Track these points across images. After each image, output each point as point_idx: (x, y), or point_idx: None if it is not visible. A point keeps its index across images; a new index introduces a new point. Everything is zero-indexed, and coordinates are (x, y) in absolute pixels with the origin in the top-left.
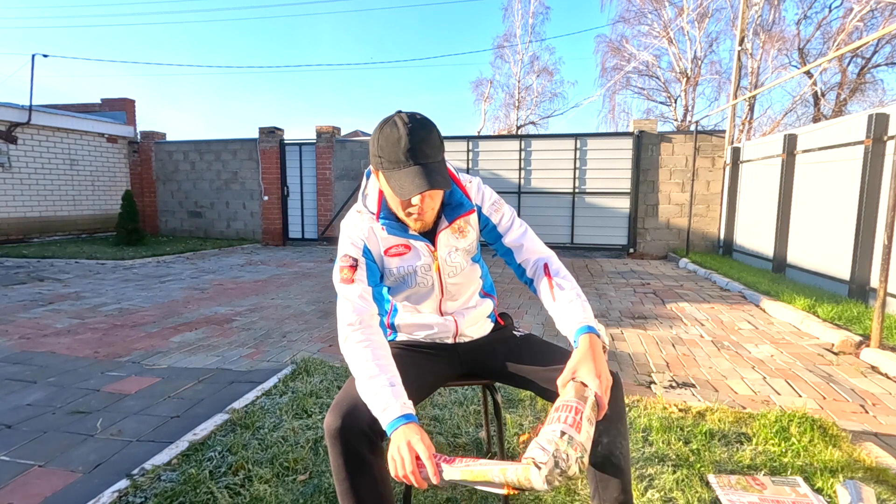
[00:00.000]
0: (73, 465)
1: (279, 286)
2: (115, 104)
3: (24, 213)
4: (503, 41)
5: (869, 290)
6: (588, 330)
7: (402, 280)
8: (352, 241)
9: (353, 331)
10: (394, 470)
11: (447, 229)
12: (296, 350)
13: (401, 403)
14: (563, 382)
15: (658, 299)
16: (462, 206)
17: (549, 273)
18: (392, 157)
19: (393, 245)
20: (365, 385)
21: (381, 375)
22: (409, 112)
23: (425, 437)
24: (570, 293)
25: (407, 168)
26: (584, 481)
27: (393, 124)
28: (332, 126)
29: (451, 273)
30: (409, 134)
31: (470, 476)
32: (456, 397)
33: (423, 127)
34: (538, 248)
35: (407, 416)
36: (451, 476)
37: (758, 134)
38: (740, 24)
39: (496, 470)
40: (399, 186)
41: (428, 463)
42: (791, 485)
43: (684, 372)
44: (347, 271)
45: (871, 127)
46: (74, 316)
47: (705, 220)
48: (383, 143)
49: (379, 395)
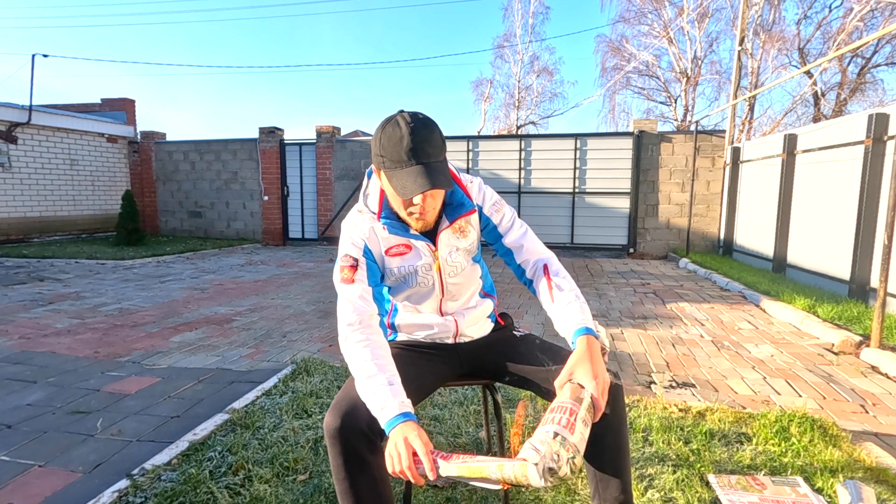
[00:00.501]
0: (73, 465)
1: (279, 286)
2: (115, 104)
3: (25, 213)
4: (503, 41)
5: (869, 290)
6: (586, 331)
7: (403, 280)
8: (352, 241)
9: (353, 331)
10: (391, 465)
11: (448, 229)
12: (296, 350)
13: (399, 402)
14: (560, 384)
15: (658, 299)
16: (463, 205)
17: (548, 274)
18: (394, 156)
19: (394, 245)
20: (364, 384)
21: (380, 375)
22: (411, 111)
23: (423, 434)
24: (568, 294)
25: (409, 167)
26: (584, 481)
27: (395, 124)
28: (332, 126)
29: (451, 273)
30: (411, 133)
31: (467, 472)
32: (456, 397)
33: (426, 126)
34: (538, 249)
35: (405, 414)
36: (448, 472)
37: (758, 134)
38: (740, 23)
39: (493, 466)
40: (401, 186)
41: (424, 459)
42: (791, 485)
43: (684, 372)
44: (348, 271)
45: (871, 127)
46: (74, 316)
47: (705, 220)
48: (385, 143)
49: (377, 394)
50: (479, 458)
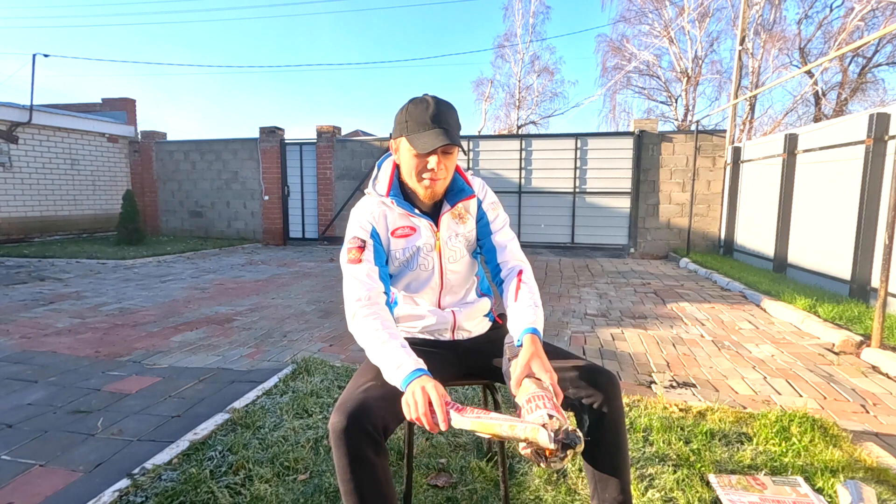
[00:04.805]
0: (73, 465)
1: (280, 286)
2: (115, 104)
3: (25, 212)
4: (504, 41)
5: (870, 290)
6: (533, 331)
7: (406, 264)
8: (361, 224)
9: (362, 306)
10: (407, 412)
11: (449, 213)
12: (296, 350)
13: (414, 359)
14: (518, 380)
15: (658, 299)
16: (463, 191)
17: (520, 278)
18: (419, 119)
19: (399, 227)
20: (377, 350)
21: (393, 340)
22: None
23: (439, 387)
24: (530, 299)
25: (431, 129)
26: (584, 481)
27: (423, 99)
28: (332, 126)
29: (451, 258)
30: (436, 105)
31: (479, 427)
32: (456, 397)
33: (448, 105)
34: (519, 256)
35: (420, 369)
36: (461, 424)
37: (758, 133)
38: (741, 23)
39: (505, 425)
40: (423, 143)
41: (438, 409)
42: (792, 485)
43: (685, 372)
44: (355, 252)
45: (871, 126)
46: (75, 315)
47: (706, 220)
48: (412, 110)
49: (393, 355)
50: (492, 415)
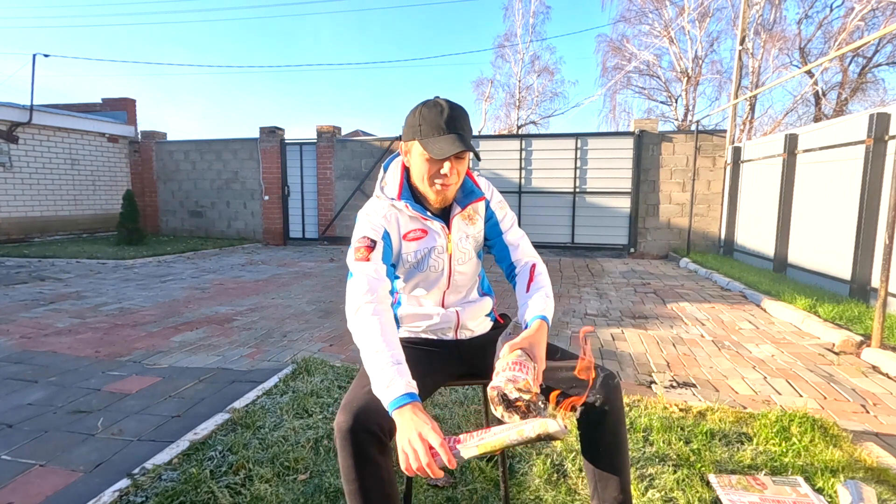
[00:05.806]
0: (73, 465)
1: (280, 286)
2: (115, 104)
3: (26, 212)
4: (504, 41)
5: (870, 290)
6: (542, 318)
7: (416, 266)
8: (372, 226)
9: (367, 302)
10: (406, 464)
11: (459, 215)
12: (296, 350)
13: (405, 382)
14: (511, 347)
15: (659, 299)
16: (473, 193)
17: (533, 271)
18: (433, 123)
19: (412, 230)
20: (371, 358)
21: (387, 351)
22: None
23: (434, 424)
24: (543, 290)
25: (446, 135)
26: (584, 481)
27: (436, 102)
28: (332, 126)
29: (460, 259)
30: (450, 109)
31: (488, 447)
32: (456, 397)
33: (462, 110)
34: (532, 253)
35: (410, 395)
36: (469, 454)
37: (759, 133)
38: (741, 23)
39: (513, 434)
40: (438, 149)
41: (441, 451)
42: (792, 485)
43: (685, 372)
44: (364, 251)
45: (872, 126)
46: (75, 315)
47: (706, 220)
48: (426, 113)
49: (384, 371)
50: (493, 430)
